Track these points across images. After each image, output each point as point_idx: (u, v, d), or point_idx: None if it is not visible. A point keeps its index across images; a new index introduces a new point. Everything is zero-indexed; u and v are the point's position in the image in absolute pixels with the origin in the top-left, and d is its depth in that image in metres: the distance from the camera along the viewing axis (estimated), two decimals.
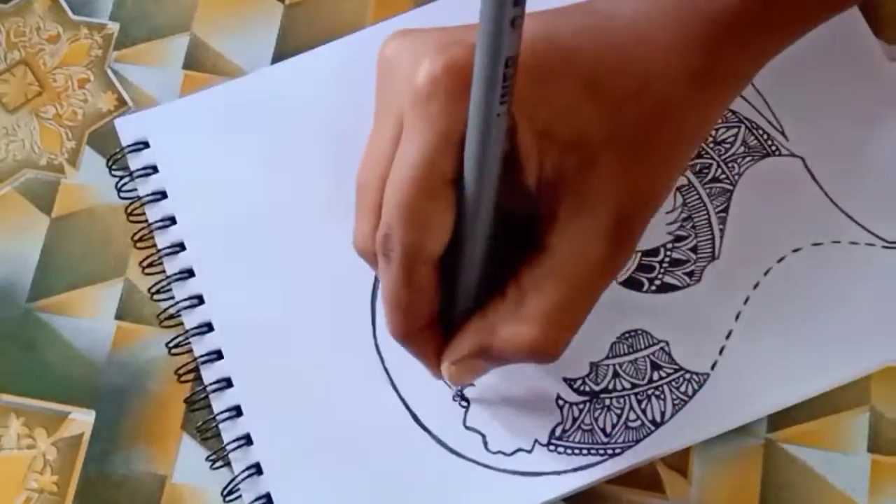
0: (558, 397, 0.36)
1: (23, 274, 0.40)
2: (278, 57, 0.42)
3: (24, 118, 0.42)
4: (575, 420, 0.36)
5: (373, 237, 0.30)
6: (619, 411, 0.36)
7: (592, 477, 0.35)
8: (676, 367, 0.36)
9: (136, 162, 0.40)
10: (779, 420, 0.36)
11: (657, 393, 0.36)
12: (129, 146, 0.40)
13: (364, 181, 0.31)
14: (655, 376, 0.36)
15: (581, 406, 0.36)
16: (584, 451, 0.35)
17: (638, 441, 0.36)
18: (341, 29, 0.42)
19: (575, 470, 0.35)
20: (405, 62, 0.29)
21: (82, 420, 0.38)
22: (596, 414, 0.36)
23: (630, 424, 0.36)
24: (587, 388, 0.36)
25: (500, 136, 0.26)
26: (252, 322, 0.38)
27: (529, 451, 0.36)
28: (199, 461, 0.37)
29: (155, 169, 0.40)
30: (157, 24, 0.43)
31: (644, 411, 0.36)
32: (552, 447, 0.36)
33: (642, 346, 0.37)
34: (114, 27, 0.43)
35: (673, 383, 0.36)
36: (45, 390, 0.38)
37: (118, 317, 0.39)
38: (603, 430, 0.36)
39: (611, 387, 0.36)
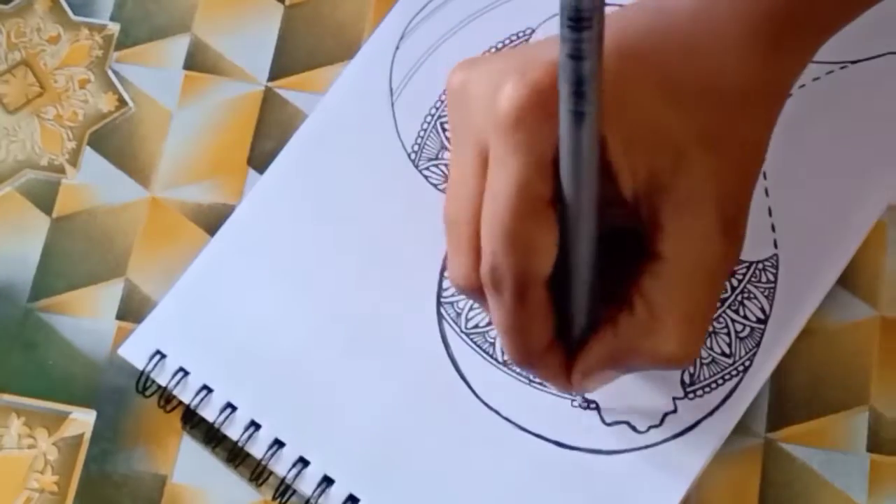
0: None
1: (23, 274, 0.40)
2: (278, 57, 0.42)
3: (24, 119, 0.42)
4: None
5: (475, 272, 0.30)
6: (724, 329, 0.36)
7: (745, 399, 0.36)
8: (743, 262, 0.37)
9: (163, 376, 0.37)
10: (778, 419, 0.36)
11: (745, 295, 0.37)
12: (149, 368, 0.38)
13: (454, 217, 0.30)
14: (734, 282, 0.37)
15: None
16: (721, 381, 0.36)
17: (758, 345, 0.36)
18: (341, 29, 0.42)
19: (724, 401, 0.36)
20: (481, 91, 0.29)
21: (83, 420, 0.38)
22: (708, 345, 0.36)
23: (741, 335, 0.36)
24: None
25: (594, 149, 0.26)
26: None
27: (675, 411, 0.36)
28: (199, 461, 0.37)
29: (184, 371, 0.37)
30: (158, 25, 0.43)
31: (745, 316, 0.36)
32: (691, 395, 0.36)
33: None
34: (114, 28, 0.43)
35: (752, 279, 0.37)
36: (45, 390, 0.38)
37: (118, 317, 0.39)
38: (723, 353, 0.36)
39: None
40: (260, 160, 0.41)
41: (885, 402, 0.36)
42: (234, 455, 0.37)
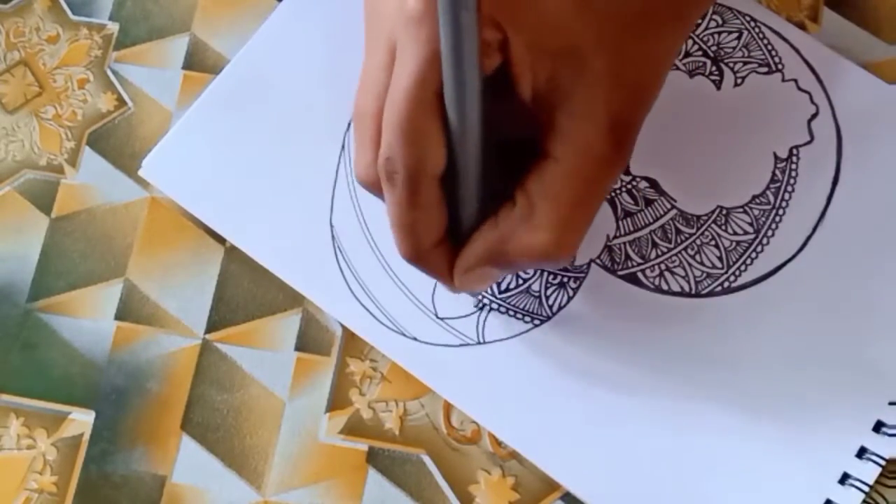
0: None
1: (23, 274, 0.40)
2: None
3: (23, 118, 0.42)
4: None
5: (375, 166, 0.30)
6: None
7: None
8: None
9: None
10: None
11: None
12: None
13: (362, 110, 0.31)
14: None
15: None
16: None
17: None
18: None
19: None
20: None
21: (82, 420, 0.38)
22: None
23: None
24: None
25: (475, 45, 0.26)
26: None
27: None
28: (199, 461, 0.37)
29: None
30: (157, 25, 0.43)
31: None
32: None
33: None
34: (113, 27, 0.43)
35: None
36: (45, 390, 0.38)
37: (118, 317, 0.39)
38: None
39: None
40: None
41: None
42: None
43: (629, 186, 0.39)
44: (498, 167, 0.31)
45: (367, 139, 0.31)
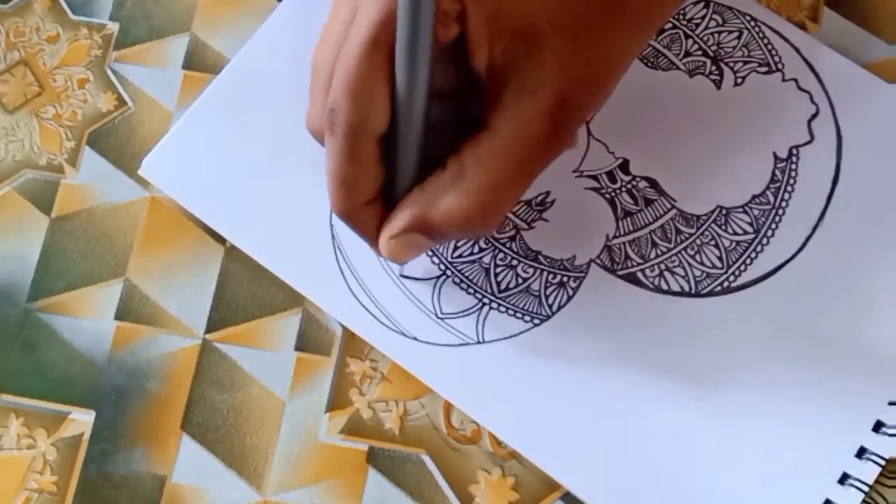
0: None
1: (23, 274, 0.40)
2: None
3: (23, 118, 0.42)
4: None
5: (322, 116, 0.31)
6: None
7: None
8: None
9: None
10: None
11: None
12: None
13: (318, 62, 0.32)
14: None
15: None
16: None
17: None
18: None
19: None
20: None
21: (82, 420, 0.38)
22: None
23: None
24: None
25: (430, 12, 0.27)
26: None
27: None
28: (199, 461, 0.37)
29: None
30: (157, 24, 0.43)
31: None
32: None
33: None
34: (113, 27, 0.43)
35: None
36: (45, 390, 0.38)
37: (118, 317, 0.39)
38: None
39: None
40: None
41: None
42: None
43: (629, 186, 0.39)
44: (444, 142, 0.31)
45: (319, 90, 0.31)
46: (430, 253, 0.39)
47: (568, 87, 0.30)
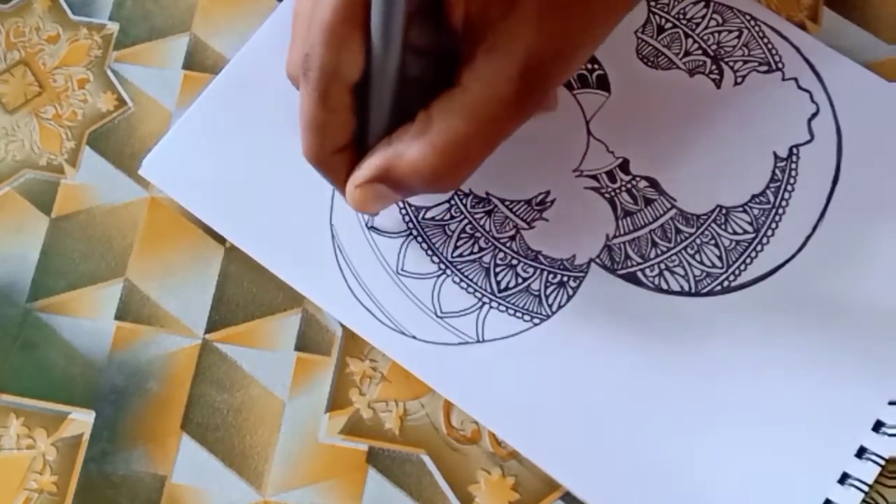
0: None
1: (23, 274, 0.40)
2: None
3: (23, 118, 0.42)
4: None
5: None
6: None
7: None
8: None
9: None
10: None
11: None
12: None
13: (299, 9, 0.32)
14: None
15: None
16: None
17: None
18: None
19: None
20: None
21: (82, 420, 0.38)
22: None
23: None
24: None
25: None
26: None
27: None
28: (198, 461, 0.37)
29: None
30: (157, 24, 0.43)
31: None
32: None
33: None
34: (113, 27, 0.43)
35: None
36: (45, 390, 0.38)
37: (118, 317, 0.39)
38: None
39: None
40: None
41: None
42: None
43: (629, 186, 0.39)
44: (419, 98, 0.31)
45: (298, 37, 0.32)
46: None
47: (540, 51, 0.30)
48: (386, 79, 0.31)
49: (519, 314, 0.38)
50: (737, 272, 0.38)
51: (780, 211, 0.39)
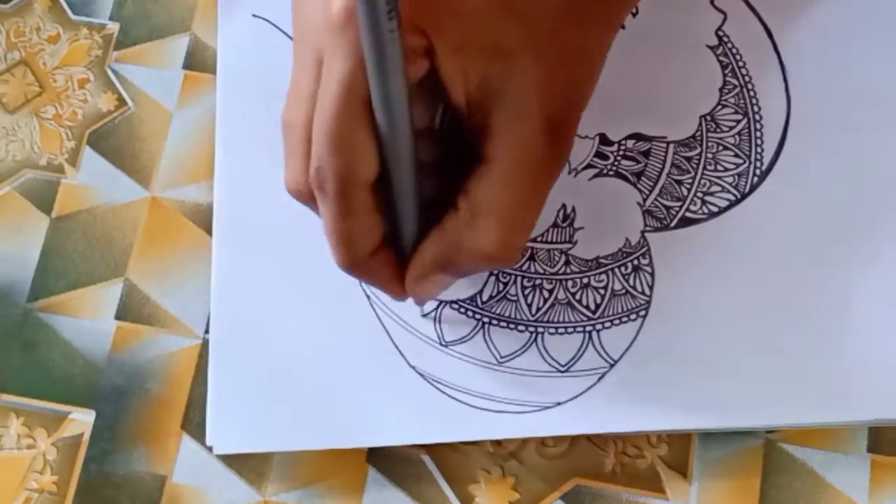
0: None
1: (23, 274, 0.40)
2: None
3: (24, 118, 0.42)
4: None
5: (306, 176, 0.30)
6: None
7: None
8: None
9: None
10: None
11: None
12: None
13: (290, 120, 0.31)
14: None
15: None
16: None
17: None
18: None
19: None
20: None
21: (82, 420, 0.38)
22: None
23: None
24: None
25: (397, 52, 0.26)
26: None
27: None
28: (199, 461, 0.37)
29: None
30: (157, 24, 0.43)
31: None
32: None
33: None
34: (114, 27, 0.43)
35: None
36: (45, 390, 0.38)
37: (118, 317, 0.39)
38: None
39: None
40: None
41: None
42: None
43: (622, 152, 0.39)
44: (440, 174, 0.31)
45: (295, 150, 0.31)
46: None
47: (554, 100, 0.30)
48: (404, 168, 0.30)
49: (624, 318, 0.37)
50: (759, 157, 0.38)
51: (750, 86, 0.39)
